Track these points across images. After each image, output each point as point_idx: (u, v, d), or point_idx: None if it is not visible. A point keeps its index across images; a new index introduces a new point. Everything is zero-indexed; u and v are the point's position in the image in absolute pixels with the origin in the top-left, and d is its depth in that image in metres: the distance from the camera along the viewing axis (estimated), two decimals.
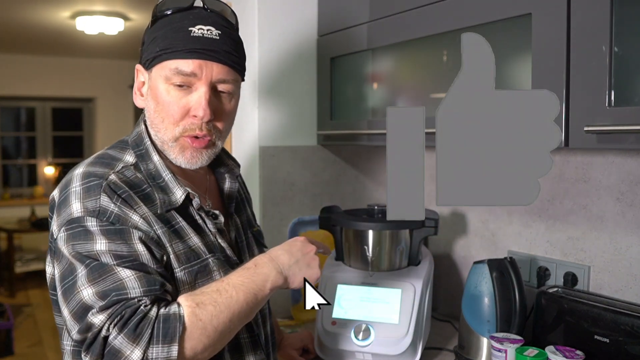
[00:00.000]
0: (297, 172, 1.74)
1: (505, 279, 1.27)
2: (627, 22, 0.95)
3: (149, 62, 0.98)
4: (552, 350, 1.12)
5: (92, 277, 0.84)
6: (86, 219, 0.88)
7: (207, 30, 0.95)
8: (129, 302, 0.83)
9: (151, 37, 0.99)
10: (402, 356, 1.26)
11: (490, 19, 1.15)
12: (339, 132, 1.63)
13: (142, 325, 0.81)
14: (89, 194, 0.89)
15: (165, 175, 0.98)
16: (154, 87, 0.98)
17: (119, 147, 1.02)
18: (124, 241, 0.87)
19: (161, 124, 0.98)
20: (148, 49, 0.99)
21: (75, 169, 0.96)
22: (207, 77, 0.95)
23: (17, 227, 5.68)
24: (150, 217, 0.93)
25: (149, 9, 4.02)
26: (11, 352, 4.01)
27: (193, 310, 0.85)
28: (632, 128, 0.90)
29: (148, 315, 0.82)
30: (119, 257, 0.86)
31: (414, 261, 1.40)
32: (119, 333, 0.80)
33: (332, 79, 1.67)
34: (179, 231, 0.96)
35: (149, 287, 0.85)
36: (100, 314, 0.82)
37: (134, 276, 0.85)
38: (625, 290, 1.28)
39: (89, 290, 0.83)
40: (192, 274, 0.95)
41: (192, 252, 0.96)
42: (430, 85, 1.40)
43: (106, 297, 0.83)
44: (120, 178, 0.93)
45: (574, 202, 1.38)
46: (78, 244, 0.87)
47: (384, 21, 1.43)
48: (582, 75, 0.99)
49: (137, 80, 1.03)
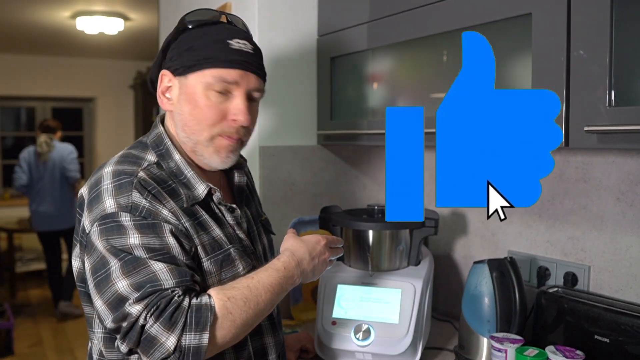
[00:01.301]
0: (297, 172, 1.74)
1: (505, 279, 1.27)
2: (627, 22, 0.95)
3: (185, 69, 1.04)
4: (552, 350, 1.12)
5: (126, 269, 0.90)
6: (120, 214, 0.93)
7: (243, 44, 1.05)
8: (164, 293, 0.89)
9: (185, 46, 1.05)
10: (402, 356, 1.26)
11: (490, 19, 1.15)
12: (339, 132, 1.63)
13: (176, 315, 0.88)
14: (121, 191, 0.95)
15: (188, 172, 1.05)
16: (191, 92, 1.04)
17: (139, 148, 1.07)
18: (156, 235, 0.93)
19: (197, 125, 1.04)
20: (183, 57, 1.05)
21: (103, 167, 1.01)
22: (245, 86, 1.05)
23: (17, 227, 5.67)
24: (178, 211, 0.99)
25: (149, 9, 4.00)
26: (11, 352, 4.01)
27: (224, 304, 0.92)
28: (632, 128, 0.90)
29: (181, 305, 0.89)
30: (152, 250, 0.92)
31: (414, 261, 1.40)
32: (155, 322, 0.87)
33: (332, 79, 1.67)
34: (203, 223, 1.03)
35: (180, 279, 0.91)
36: (137, 304, 0.88)
37: (166, 269, 0.91)
38: (625, 290, 1.28)
39: (124, 282, 0.90)
40: (217, 263, 1.02)
41: (216, 243, 1.03)
42: (430, 85, 1.40)
43: (141, 288, 0.89)
44: (148, 175, 0.99)
45: (574, 202, 1.38)
46: (112, 238, 0.92)
47: (384, 21, 1.43)
48: (582, 75, 0.99)
49: (162, 85, 1.09)
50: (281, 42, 1.69)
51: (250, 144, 1.70)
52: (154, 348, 0.87)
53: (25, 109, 6.92)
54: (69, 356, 4.03)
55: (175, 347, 0.87)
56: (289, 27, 1.71)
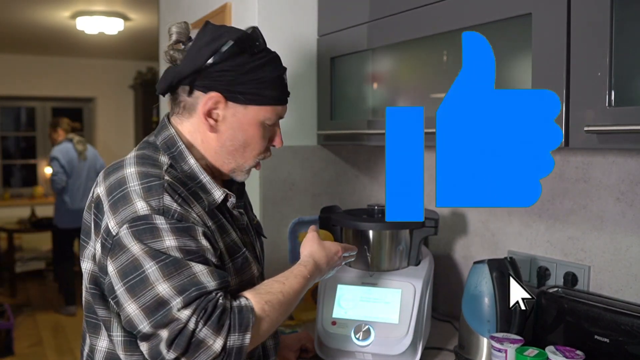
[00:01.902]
0: (297, 172, 1.74)
1: (505, 279, 1.27)
2: (627, 22, 0.95)
3: (249, 100, 1.03)
4: (552, 350, 1.12)
5: (166, 272, 0.88)
6: (154, 217, 0.91)
7: (286, 78, 1.10)
8: (209, 296, 0.89)
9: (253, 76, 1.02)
10: (402, 356, 1.26)
11: (490, 19, 1.15)
12: (339, 132, 1.63)
13: (223, 317, 0.88)
14: (151, 193, 0.93)
15: (203, 177, 1.04)
16: (248, 123, 1.05)
17: (150, 149, 1.05)
18: (191, 237, 0.92)
19: (249, 153, 1.08)
20: (247, 86, 1.02)
21: (123, 168, 0.99)
22: None
23: (17, 227, 5.68)
24: (203, 214, 1.00)
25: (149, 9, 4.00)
26: (11, 352, 4.01)
27: (262, 307, 0.94)
28: (632, 128, 0.90)
29: (226, 307, 0.90)
30: (189, 252, 0.91)
31: (414, 261, 1.40)
32: (204, 325, 0.86)
33: (332, 79, 1.67)
34: (224, 226, 1.05)
35: (221, 280, 0.92)
36: (186, 310, 0.87)
37: (206, 270, 0.91)
38: (625, 290, 1.28)
39: (165, 285, 0.87)
40: (237, 265, 1.04)
41: (235, 246, 1.05)
42: (430, 85, 1.40)
43: (185, 291, 0.87)
44: (172, 177, 0.98)
45: (574, 202, 1.38)
46: (147, 241, 0.90)
47: (384, 21, 1.43)
48: (582, 75, 0.98)
49: (206, 106, 1.02)
50: (281, 42, 1.69)
51: None
52: (201, 351, 0.86)
53: (25, 109, 6.92)
54: (69, 356, 4.03)
55: (222, 348, 0.87)
56: (289, 27, 1.71)
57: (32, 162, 6.93)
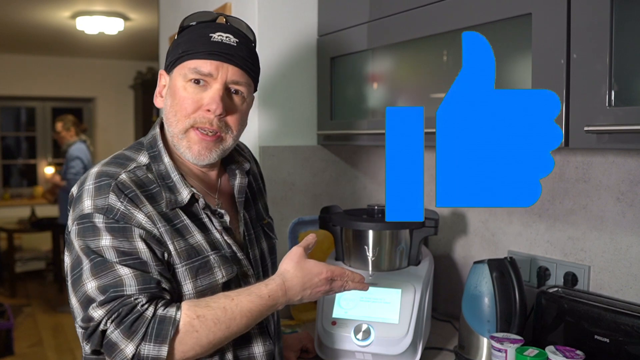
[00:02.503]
0: (297, 172, 1.74)
1: (505, 279, 1.27)
2: (627, 22, 0.95)
3: (171, 65, 1.07)
4: (552, 350, 1.12)
5: (95, 271, 0.92)
6: (95, 215, 0.95)
7: (226, 37, 1.04)
8: (126, 300, 0.90)
9: (175, 44, 1.08)
10: (402, 356, 1.26)
11: (490, 19, 1.15)
12: (339, 132, 1.63)
13: (137, 324, 0.89)
14: (100, 192, 0.97)
15: (174, 176, 1.05)
16: (173, 86, 1.06)
17: (135, 148, 1.09)
18: (125, 238, 0.95)
19: (174, 117, 1.05)
20: (171, 54, 1.08)
21: (93, 168, 1.03)
22: (222, 78, 1.03)
23: (17, 227, 5.68)
24: (154, 215, 0.99)
25: (149, 9, 4.00)
26: (11, 352, 4.01)
27: (191, 321, 0.91)
28: (632, 128, 0.90)
29: (144, 314, 0.90)
30: (122, 253, 0.93)
31: (414, 261, 1.40)
32: (115, 328, 0.89)
33: (332, 79, 1.67)
34: (182, 229, 1.02)
35: (144, 286, 0.92)
36: (100, 309, 0.90)
37: (132, 274, 0.92)
38: (625, 290, 1.28)
39: (92, 283, 0.91)
40: (192, 270, 1.01)
41: (193, 250, 1.02)
42: (430, 85, 1.40)
43: (105, 292, 0.90)
44: (130, 177, 1.00)
45: (574, 202, 1.38)
46: (86, 239, 0.95)
47: (384, 21, 1.43)
48: (582, 75, 0.98)
49: (159, 84, 1.11)
50: (281, 42, 1.69)
51: (250, 144, 1.71)
52: (115, 352, 0.89)
53: (25, 109, 6.92)
54: (69, 356, 4.03)
55: (134, 355, 0.88)
56: (289, 27, 1.71)
57: (32, 162, 6.93)
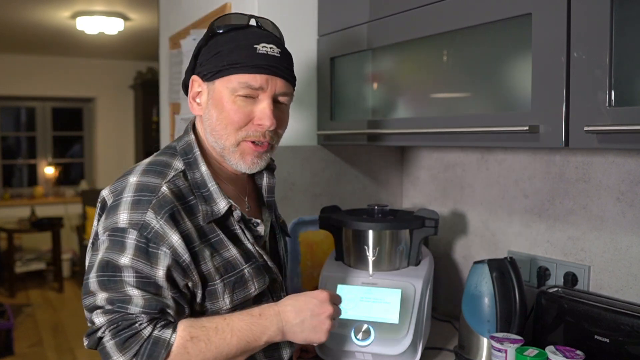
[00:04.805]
0: (297, 172, 1.74)
1: (505, 279, 1.27)
2: (627, 22, 0.95)
3: (213, 74, 1.05)
4: (552, 350, 1.12)
5: (108, 286, 0.93)
6: (128, 230, 0.95)
7: (270, 48, 1.05)
8: (127, 316, 0.92)
9: (213, 52, 1.06)
10: (402, 356, 1.26)
11: (490, 19, 1.15)
12: (339, 132, 1.63)
13: (131, 340, 0.91)
14: (138, 207, 0.96)
15: (211, 186, 1.05)
16: (218, 98, 1.05)
17: (169, 154, 1.08)
18: (149, 263, 0.94)
19: (224, 130, 1.05)
20: (210, 62, 1.06)
21: (130, 175, 1.02)
22: (272, 91, 1.05)
23: (17, 227, 5.68)
24: (192, 233, 0.99)
25: (149, 9, 4.01)
26: (11, 352, 4.01)
27: (184, 343, 0.93)
28: (632, 128, 0.90)
29: (141, 333, 0.91)
30: (139, 275, 0.93)
31: (414, 261, 1.40)
32: (111, 339, 0.91)
33: (332, 79, 1.67)
34: (217, 244, 1.03)
35: (149, 310, 0.93)
36: (102, 317, 0.92)
37: (141, 296, 0.93)
38: (625, 290, 1.28)
39: (103, 295, 0.93)
40: (229, 285, 1.02)
41: (229, 264, 1.03)
42: (430, 85, 1.40)
43: (112, 304, 0.93)
44: (170, 189, 0.99)
45: (574, 202, 1.38)
46: (111, 253, 0.94)
47: (384, 21, 1.43)
48: (582, 75, 0.98)
49: (193, 90, 1.10)
50: None
51: None
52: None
53: (25, 109, 6.91)
54: (69, 356, 4.03)
55: None
56: (289, 27, 1.70)
57: (32, 162, 6.93)
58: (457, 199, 1.73)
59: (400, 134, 1.40)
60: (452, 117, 1.27)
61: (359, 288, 1.34)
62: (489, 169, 1.62)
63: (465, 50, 1.26)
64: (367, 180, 1.90)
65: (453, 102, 1.31)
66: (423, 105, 1.41)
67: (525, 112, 1.08)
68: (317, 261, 1.67)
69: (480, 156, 1.65)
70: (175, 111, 2.27)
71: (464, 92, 1.29)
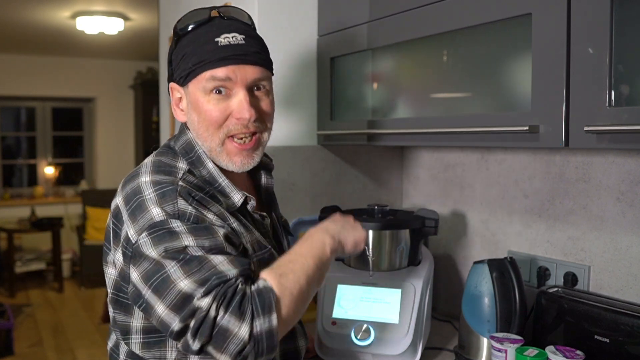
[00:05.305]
0: (297, 172, 1.74)
1: (505, 279, 1.27)
2: (627, 22, 0.95)
3: (184, 79, 1.04)
4: (552, 350, 1.12)
5: (187, 268, 0.88)
6: (170, 221, 0.92)
7: (232, 38, 1.01)
8: (229, 282, 0.87)
9: (180, 55, 1.04)
10: (402, 356, 1.26)
11: (490, 19, 1.15)
12: (339, 132, 1.63)
13: (243, 303, 0.86)
14: (165, 199, 0.94)
15: (222, 181, 1.04)
16: (194, 101, 1.04)
17: (169, 155, 1.05)
18: (210, 235, 0.92)
19: (206, 132, 1.04)
20: (180, 67, 1.04)
21: (138, 177, 0.98)
22: (243, 80, 1.02)
23: (17, 227, 5.68)
24: (224, 212, 1.00)
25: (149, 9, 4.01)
26: (11, 352, 4.01)
27: (279, 281, 0.91)
28: (632, 128, 0.90)
29: (246, 293, 0.87)
30: (209, 249, 0.91)
31: (414, 261, 1.40)
32: (225, 312, 0.85)
33: (332, 79, 1.67)
34: (246, 225, 1.04)
35: (242, 267, 0.91)
36: (206, 297, 0.85)
37: (226, 260, 0.90)
38: (625, 290, 1.28)
39: (187, 280, 0.87)
40: (263, 262, 1.01)
41: (259, 243, 1.05)
42: (430, 85, 1.40)
43: (207, 282, 0.87)
44: (187, 183, 0.98)
45: (574, 202, 1.38)
46: (166, 244, 0.90)
47: (384, 21, 1.43)
48: (582, 75, 0.98)
49: (174, 97, 1.09)
50: (281, 42, 1.69)
51: None
52: (228, 340, 0.84)
53: (25, 109, 6.92)
54: (69, 356, 4.03)
55: (250, 335, 0.84)
56: (289, 27, 1.71)
57: (32, 162, 6.93)
58: (457, 199, 1.73)
59: (400, 134, 1.40)
60: (452, 117, 1.27)
61: (359, 288, 1.34)
62: (489, 169, 1.62)
63: (465, 50, 1.26)
64: (367, 180, 1.90)
65: (453, 102, 1.31)
66: (423, 105, 1.41)
67: (525, 112, 1.08)
68: None
69: (480, 156, 1.65)
70: None
71: (464, 92, 1.29)
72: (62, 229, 5.97)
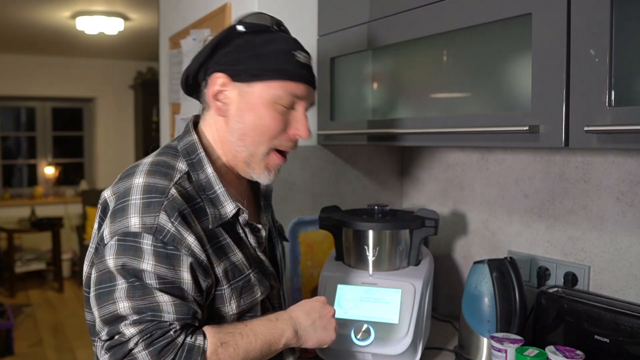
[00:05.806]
0: (297, 172, 1.74)
1: (505, 279, 1.27)
2: (627, 22, 0.95)
3: (250, 77, 1.00)
4: (552, 350, 1.12)
5: (131, 293, 0.89)
6: (142, 235, 0.90)
7: (305, 57, 1.04)
8: (161, 324, 0.88)
9: (250, 52, 1.00)
10: (402, 356, 1.26)
11: (490, 19, 1.15)
12: (339, 132, 1.63)
13: (166, 349, 0.87)
14: (149, 210, 0.92)
15: (218, 189, 1.01)
16: (255, 102, 1.01)
17: (170, 154, 1.03)
18: (171, 267, 0.91)
19: (259, 137, 1.02)
20: (247, 63, 1.00)
21: (134, 177, 0.96)
22: (309, 101, 1.05)
23: (17, 227, 5.68)
24: (203, 236, 0.96)
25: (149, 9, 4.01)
26: (11, 352, 4.01)
27: (216, 349, 0.91)
28: (632, 128, 0.90)
29: (175, 341, 0.88)
30: (163, 280, 0.90)
31: (414, 261, 1.40)
32: (144, 349, 0.87)
33: (332, 79, 1.67)
34: (225, 247, 1.00)
35: (182, 315, 0.90)
36: (133, 327, 0.87)
37: (171, 302, 0.90)
38: (625, 290, 1.28)
39: (126, 303, 0.88)
40: (237, 289, 1.00)
41: (236, 269, 1.01)
42: (430, 85, 1.40)
43: (141, 313, 0.88)
44: (179, 191, 0.95)
45: (574, 202, 1.38)
46: (127, 258, 0.90)
47: (384, 21, 1.43)
48: (582, 75, 0.98)
49: (214, 87, 1.03)
50: None
51: None
52: None
53: (25, 109, 6.91)
54: (69, 356, 4.03)
55: None
56: (289, 27, 1.70)
57: (32, 162, 6.93)
58: (457, 199, 1.73)
59: (400, 134, 1.40)
60: (452, 117, 1.27)
61: (359, 288, 1.34)
62: (489, 169, 1.62)
63: (465, 50, 1.26)
64: (367, 180, 1.90)
65: (453, 102, 1.31)
66: (423, 105, 1.41)
67: (525, 112, 1.08)
68: (317, 261, 1.67)
69: (480, 156, 1.65)
70: (175, 111, 2.27)
71: (464, 92, 1.29)
72: (62, 229, 5.97)
